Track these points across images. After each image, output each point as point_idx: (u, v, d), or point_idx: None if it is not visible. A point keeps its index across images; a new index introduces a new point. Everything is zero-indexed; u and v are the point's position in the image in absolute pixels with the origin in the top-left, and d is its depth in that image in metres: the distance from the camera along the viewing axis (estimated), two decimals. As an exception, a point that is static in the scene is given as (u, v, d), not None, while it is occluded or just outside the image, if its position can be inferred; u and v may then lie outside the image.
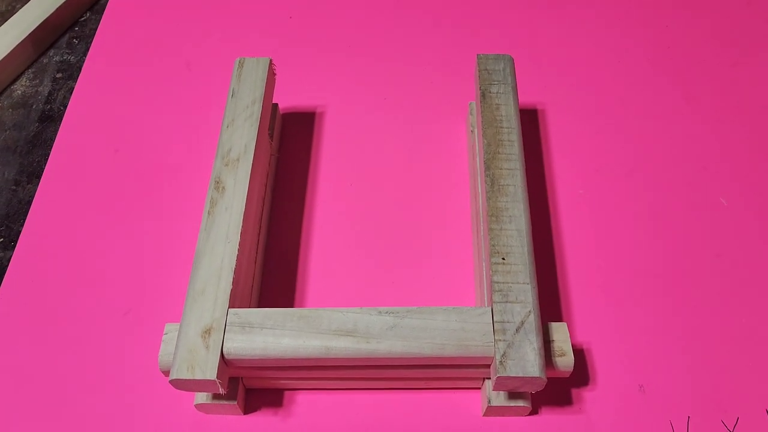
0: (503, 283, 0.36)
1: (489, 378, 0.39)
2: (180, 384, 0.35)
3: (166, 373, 0.38)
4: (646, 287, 0.44)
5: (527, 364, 0.34)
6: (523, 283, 0.36)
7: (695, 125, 0.51)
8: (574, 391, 0.40)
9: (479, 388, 0.40)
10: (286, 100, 0.53)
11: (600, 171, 0.49)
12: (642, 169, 0.49)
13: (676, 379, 0.40)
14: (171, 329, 0.37)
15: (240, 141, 0.42)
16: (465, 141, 0.51)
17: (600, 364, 0.41)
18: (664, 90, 0.53)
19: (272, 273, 0.45)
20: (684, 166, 0.49)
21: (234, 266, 0.37)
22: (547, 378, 0.35)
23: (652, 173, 0.49)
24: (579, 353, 0.41)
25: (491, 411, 0.39)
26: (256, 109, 0.44)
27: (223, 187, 0.40)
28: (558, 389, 0.40)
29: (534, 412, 0.39)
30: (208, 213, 0.40)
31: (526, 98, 0.53)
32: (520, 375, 0.34)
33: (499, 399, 0.38)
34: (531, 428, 0.39)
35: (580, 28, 0.58)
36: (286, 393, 0.41)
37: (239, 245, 0.38)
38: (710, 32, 0.57)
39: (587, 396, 0.40)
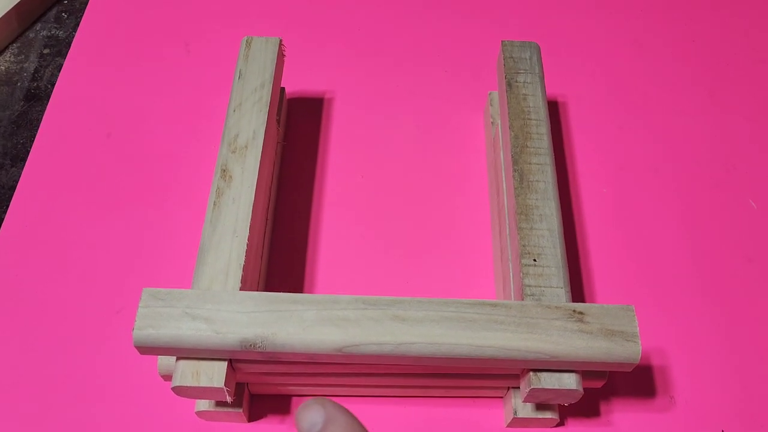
0: (535, 286, 0.34)
1: (514, 387, 0.36)
2: (183, 391, 0.32)
3: (165, 377, 0.35)
4: (676, 294, 0.42)
5: (563, 375, 0.31)
6: (557, 287, 0.34)
7: (721, 124, 0.49)
8: (603, 403, 0.38)
9: (501, 397, 0.38)
10: (292, 84, 0.50)
11: (624, 168, 0.47)
12: (667, 168, 0.47)
13: (708, 391, 0.38)
14: (172, 330, 0.34)
15: (248, 127, 0.39)
16: (482, 133, 0.48)
17: (629, 374, 0.39)
18: (689, 86, 0.51)
19: (277, 270, 0.42)
20: (711, 165, 0.47)
21: (243, 263, 0.34)
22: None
23: (677, 172, 0.47)
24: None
25: (516, 422, 0.36)
26: (266, 93, 0.41)
27: (230, 176, 0.37)
28: (585, 400, 0.38)
29: (560, 423, 0.37)
30: (214, 204, 0.36)
31: (547, 90, 0.50)
32: (556, 387, 0.31)
33: (526, 410, 0.35)
34: (558, 441, 0.37)
35: (601, 21, 0.55)
36: (294, 400, 0.38)
37: (248, 240, 0.35)
38: (736, 28, 0.55)
39: (616, 407, 0.38)
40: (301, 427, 0.23)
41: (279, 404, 0.38)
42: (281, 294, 0.31)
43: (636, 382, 0.39)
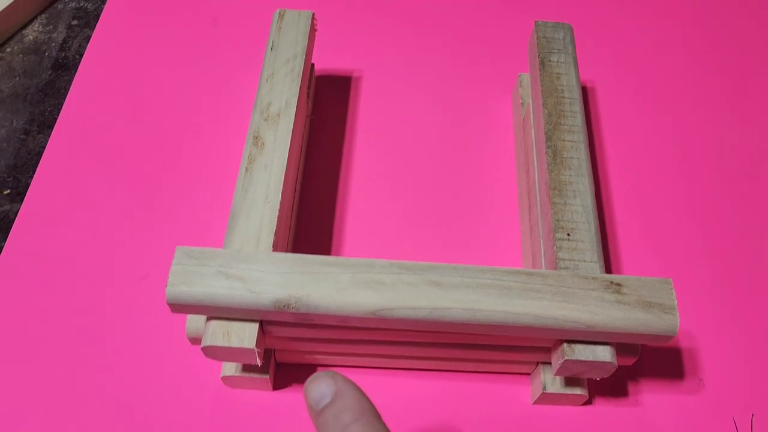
0: (569, 260, 0.33)
1: (543, 362, 0.36)
2: (212, 352, 0.31)
3: (193, 340, 0.34)
4: (703, 280, 0.41)
5: (597, 348, 0.31)
6: (591, 261, 0.33)
7: (748, 117, 0.49)
8: (631, 383, 0.37)
9: (528, 374, 0.38)
10: (321, 62, 0.50)
11: (653, 156, 0.47)
12: (694, 158, 0.47)
13: (738, 375, 0.38)
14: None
15: (280, 96, 0.39)
16: (510, 115, 0.48)
17: (657, 355, 0.38)
18: (718, 80, 0.51)
19: (305, 240, 0.42)
20: (738, 156, 0.47)
21: (274, 228, 0.34)
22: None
23: (704, 163, 0.46)
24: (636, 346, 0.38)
25: (544, 398, 0.36)
26: (298, 64, 0.41)
27: (263, 143, 0.37)
28: (613, 379, 0.37)
29: (588, 402, 0.37)
30: (246, 170, 0.36)
31: (574, 75, 0.50)
32: (590, 359, 0.31)
33: (555, 386, 0.35)
34: (585, 419, 0.36)
35: (629, 11, 0.55)
36: (320, 370, 0.37)
37: (280, 206, 0.35)
38: (766, 24, 0.55)
39: (644, 388, 0.37)
40: (309, 399, 0.23)
41: (305, 374, 0.37)
42: (316, 256, 0.31)
43: (664, 364, 0.38)
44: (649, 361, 0.38)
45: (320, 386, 0.23)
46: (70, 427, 0.35)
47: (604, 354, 0.31)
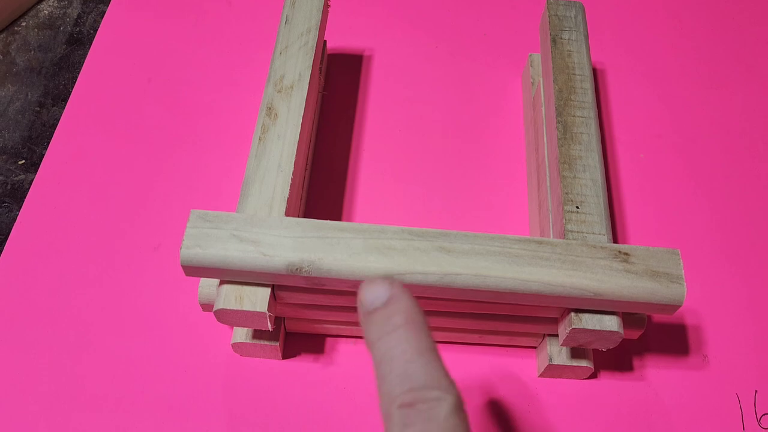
0: (577, 232, 0.34)
1: (550, 335, 0.36)
2: (224, 315, 0.32)
3: (205, 306, 0.35)
4: (709, 256, 0.42)
5: (604, 317, 0.31)
6: (599, 234, 0.34)
7: (758, 98, 0.49)
8: (636, 358, 0.38)
9: (535, 347, 0.38)
10: (333, 40, 0.50)
11: (661, 136, 0.47)
12: (704, 138, 0.47)
13: (742, 352, 0.38)
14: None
15: (294, 69, 0.39)
16: (520, 94, 0.48)
17: (663, 331, 0.39)
18: (729, 61, 0.51)
19: (315, 212, 0.42)
20: (747, 137, 0.47)
21: (287, 196, 0.34)
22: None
23: (714, 143, 0.47)
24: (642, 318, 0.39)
25: (550, 371, 0.36)
26: (311, 38, 0.41)
27: (276, 114, 0.37)
28: (618, 354, 0.38)
29: (593, 375, 0.37)
30: (259, 139, 0.36)
31: (585, 58, 0.50)
32: (597, 328, 0.31)
33: (561, 357, 0.35)
34: (591, 392, 0.37)
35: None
36: (328, 340, 0.38)
37: (292, 175, 0.35)
38: (775, 6, 0.55)
39: (649, 363, 0.38)
40: (364, 299, 0.23)
41: (313, 344, 0.38)
42: (329, 222, 0.32)
43: (669, 340, 0.39)
44: (655, 337, 0.38)
45: (377, 289, 0.23)
46: (82, 393, 0.36)
47: (611, 323, 0.31)
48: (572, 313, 0.31)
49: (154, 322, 0.38)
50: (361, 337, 0.38)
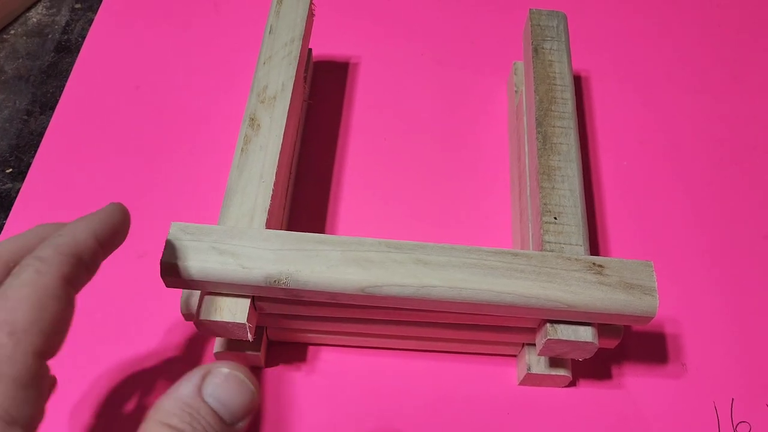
0: (555, 243, 0.34)
1: (529, 344, 0.37)
2: (205, 326, 0.32)
3: (187, 316, 0.35)
4: (690, 265, 0.42)
5: (579, 328, 0.32)
6: (576, 245, 0.34)
7: (743, 104, 0.50)
8: (614, 366, 0.38)
9: (515, 356, 0.38)
10: (319, 48, 0.51)
11: (645, 143, 0.47)
12: (688, 145, 0.47)
13: (720, 360, 0.39)
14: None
15: (277, 79, 0.40)
16: (505, 102, 0.49)
17: (641, 340, 0.39)
18: (713, 68, 0.51)
19: (298, 222, 0.43)
20: (732, 144, 0.47)
21: (268, 207, 0.35)
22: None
23: (698, 149, 0.47)
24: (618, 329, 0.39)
25: (529, 379, 0.37)
26: (295, 48, 0.41)
27: (258, 125, 0.38)
28: (597, 362, 0.38)
29: (572, 383, 0.38)
30: (242, 150, 0.37)
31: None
32: (572, 339, 0.32)
33: (540, 366, 0.36)
34: (569, 400, 0.37)
35: (624, 2, 0.55)
36: (311, 348, 0.38)
37: (274, 186, 0.36)
38: (762, 13, 0.55)
39: (627, 371, 0.38)
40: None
41: (295, 352, 0.38)
42: (307, 234, 0.32)
43: (648, 348, 0.39)
44: (634, 345, 0.39)
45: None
46: (64, 401, 0.36)
47: (585, 334, 0.32)
48: (548, 324, 0.32)
49: (138, 330, 0.38)
50: (344, 345, 0.39)
